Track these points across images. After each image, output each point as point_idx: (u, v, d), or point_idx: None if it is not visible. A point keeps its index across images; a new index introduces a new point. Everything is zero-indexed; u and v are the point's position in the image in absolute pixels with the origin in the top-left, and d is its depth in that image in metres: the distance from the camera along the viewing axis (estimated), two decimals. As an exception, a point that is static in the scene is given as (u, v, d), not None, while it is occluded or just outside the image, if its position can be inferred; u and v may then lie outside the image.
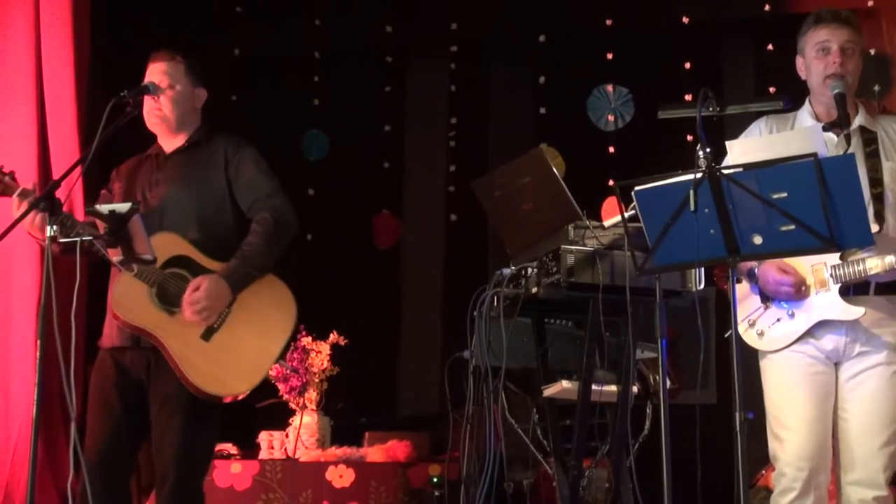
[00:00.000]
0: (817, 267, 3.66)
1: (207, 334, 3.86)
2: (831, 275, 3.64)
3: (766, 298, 3.76)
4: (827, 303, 3.65)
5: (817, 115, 3.80)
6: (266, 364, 3.95)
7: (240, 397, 3.94)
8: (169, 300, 3.83)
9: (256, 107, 7.05)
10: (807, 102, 3.86)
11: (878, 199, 3.64)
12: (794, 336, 3.70)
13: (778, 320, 3.73)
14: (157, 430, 3.87)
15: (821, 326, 3.67)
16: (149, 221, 3.78)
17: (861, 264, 3.58)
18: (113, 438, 3.83)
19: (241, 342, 3.90)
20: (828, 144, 3.58)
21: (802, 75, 3.85)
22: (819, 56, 3.75)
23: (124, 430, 3.87)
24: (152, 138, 4.14)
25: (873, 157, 3.70)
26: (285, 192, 4.06)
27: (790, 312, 3.71)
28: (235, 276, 3.87)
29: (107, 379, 3.90)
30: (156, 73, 4.06)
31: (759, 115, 3.94)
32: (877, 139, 3.74)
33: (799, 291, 3.67)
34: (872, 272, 3.57)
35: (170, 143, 4.10)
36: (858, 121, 3.76)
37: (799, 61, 3.85)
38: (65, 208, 3.69)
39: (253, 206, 4.01)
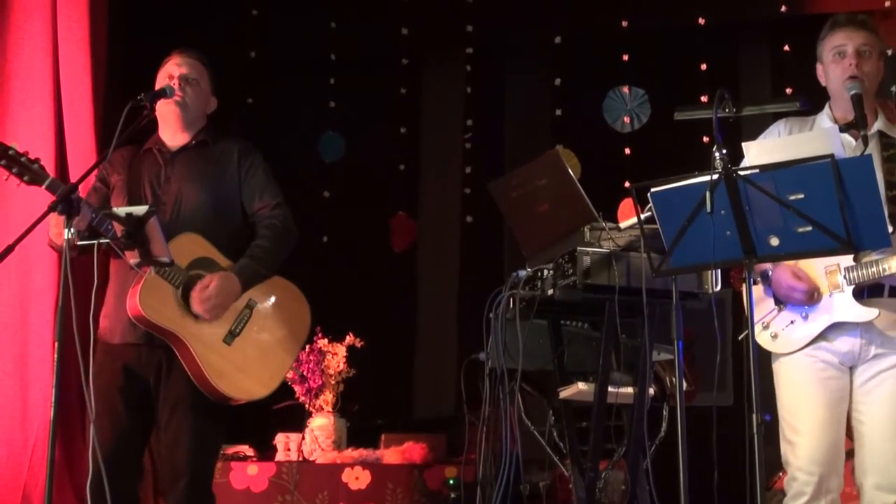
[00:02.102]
0: (831, 269, 3.66)
1: (229, 338, 3.90)
2: (845, 277, 3.63)
3: (780, 301, 3.76)
4: (841, 305, 3.64)
5: (836, 118, 3.78)
6: (283, 371, 4.07)
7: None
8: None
9: (272, 109, 7.07)
10: (826, 107, 3.85)
11: (893, 201, 3.62)
12: (807, 339, 3.69)
13: (792, 322, 3.72)
14: (169, 432, 3.88)
15: (835, 329, 3.66)
16: (163, 218, 3.80)
17: (875, 266, 3.57)
18: (118, 444, 3.81)
19: (260, 348, 3.96)
20: (845, 146, 3.58)
21: (823, 82, 3.84)
22: (836, 60, 3.74)
23: (130, 433, 3.88)
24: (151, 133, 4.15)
25: (890, 162, 3.69)
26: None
27: (804, 315, 3.70)
28: (246, 274, 3.92)
29: (111, 382, 3.88)
30: (184, 64, 4.10)
31: (776, 116, 3.93)
32: (895, 144, 3.73)
33: (811, 298, 3.66)
34: (887, 273, 3.56)
35: (175, 138, 4.10)
36: (877, 126, 3.75)
37: (819, 68, 3.84)
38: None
39: (260, 212, 4.08)
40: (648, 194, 3.17)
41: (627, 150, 6.49)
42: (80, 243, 3.58)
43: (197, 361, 3.79)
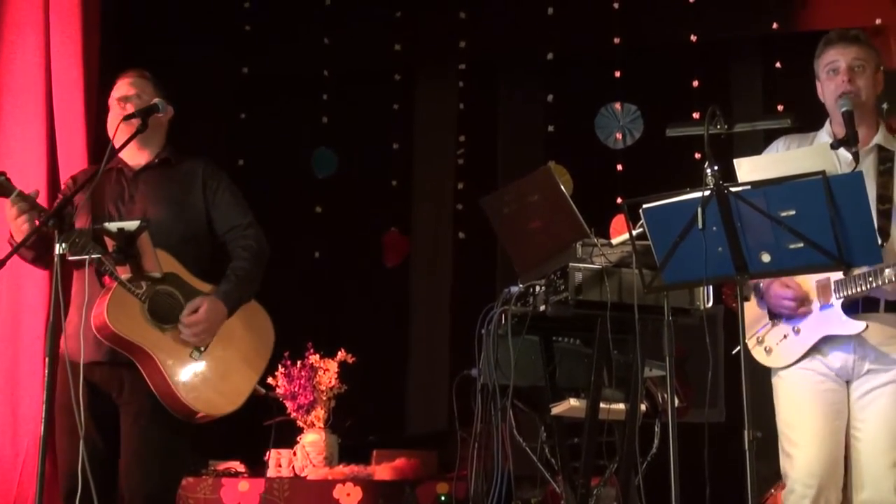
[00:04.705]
0: (822, 283, 3.66)
1: (196, 353, 3.89)
2: (835, 290, 3.64)
3: (774, 315, 3.76)
4: (830, 318, 3.65)
5: (836, 135, 3.78)
6: (249, 386, 4.02)
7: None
8: (159, 317, 3.84)
9: (265, 125, 7.07)
10: (827, 123, 3.86)
11: (885, 214, 3.64)
12: (800, 352, 3.70)
13: (785, 337, 3.73)
14: (130, 447, 3.84)
15: (827, 343, 3.67)
16: None
17: (864, 280, 3.57)
18: (90, 463, 3.68)
19: (226, 363, 3.95)
20: (841, 162, 3.59)
21: (822, 99, 3.84)
22: (830, 77, 3.76)
23: (100, 454, 3.83)
24: None
25: (885, 176, 3.70)
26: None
27: (796, 329, 3.71)
28: (231, 299, 3.93)
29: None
30: (123, 86, 4.07)
31: (768, 132, 3.94)
32: (892, 158, 3.73)
33: (801, 305, 3.67)
34: (875, 286, 3.56)
35: (135, 156, 4.06)
36: (877, 139, 3.76)
37: (818, 87, 3.85)
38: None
39: (231, 233, 4.06)
40: (640, 210, 3.18)
41: (619, 167, 6.50)
42: (71, 258, 3.58)
43: (164, 374, 3.77)
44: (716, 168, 3.07)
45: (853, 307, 3.64)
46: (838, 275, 3.62)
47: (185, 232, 3.99)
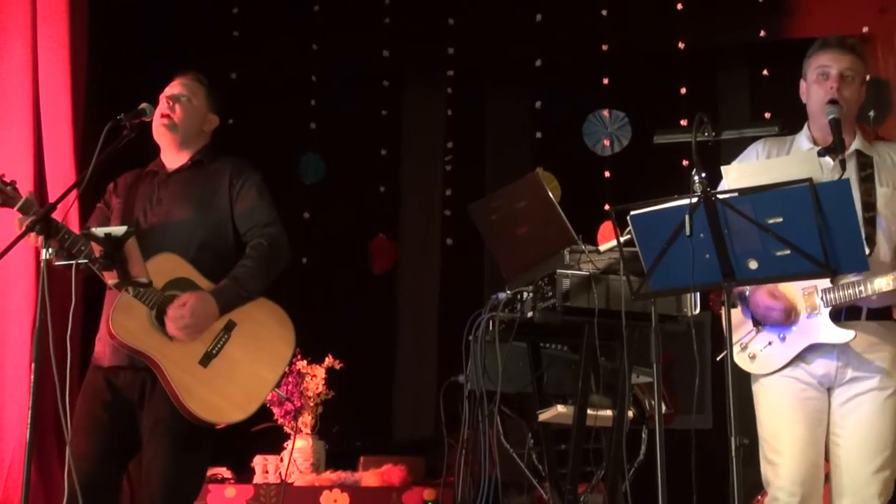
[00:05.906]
0: (808, 291, 3.67)
1: (206, 360, 3.82)
2: (822, 299, 3.64)
3: (758, 322, 3.77)
4: (817, 327, 3.65)
5: (815, 139, 3.80)
6: (263, 393, 3.92)
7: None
8: None
9: (253, 130, 7.04)
10: (805, 127, 3.87)
11: (870, 222, 3.65)
12: (785, 360, 3.70)
13: (769, 344, 3.73)
14: (147, 455, 3.82)
15: (812, 351, 3.67)
16: (150, 240, 3.77)
17: (851, 288, 3.58)
18: (101, 461, 3.76)
19: (238, 369, 3.86)
20: (823, 169, 3.59)
21: (804, 99, 3.85)
22: (819, 80, 3.76)
23: (112, 453, 3.82)
24: (152, 158, 4.13)
25: (868, 182, 3.71)
26: (282, 222, 4.05)
27: (781, 336, 3.71)
28: (225, 296, 3.85)
29: (97, 398, 3.84)
30: (176, 85, 4.10)
31: (755, 139, 3.95)
32: (872, 164, 3.75)
33: (788, 317, 3.67)
34: (863, 295, 3.57)
35: (173, 158, 4.08)
36: (855, 145, 3.77)
37: (802, 85, 3.86)
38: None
39: (249, 233, 4.00)
40: (628, 217, 3.17)
41: (607, 173, 6.51)
42: (58, 263, 3.57)
43: (169, 381, 3.74)
44: (703, 175, 3.08)
45: (836, 315, 3.65)
46: (825, 283, 3.62)
47: (207, 232, 3.96)
